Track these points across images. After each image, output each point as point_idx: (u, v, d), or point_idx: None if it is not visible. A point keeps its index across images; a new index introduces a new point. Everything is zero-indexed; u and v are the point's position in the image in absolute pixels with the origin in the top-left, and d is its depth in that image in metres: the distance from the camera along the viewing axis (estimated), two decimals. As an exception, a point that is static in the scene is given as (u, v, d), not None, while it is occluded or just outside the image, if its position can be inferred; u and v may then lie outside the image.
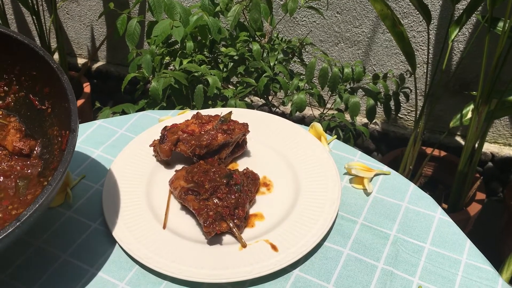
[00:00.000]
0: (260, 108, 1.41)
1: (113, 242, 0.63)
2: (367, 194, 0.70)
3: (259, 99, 1.67)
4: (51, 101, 0.63)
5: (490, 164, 1.67)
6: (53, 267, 0.60)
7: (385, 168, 0.74)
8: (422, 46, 1.56)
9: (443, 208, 0.69)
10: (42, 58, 0.59)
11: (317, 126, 0.78)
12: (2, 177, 0.63)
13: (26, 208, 0.49)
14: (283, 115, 1.81)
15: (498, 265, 0.95)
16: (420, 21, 1.52)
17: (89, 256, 0.62)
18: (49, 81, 0.60)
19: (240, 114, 0.79)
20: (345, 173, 0.73)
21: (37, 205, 0.50)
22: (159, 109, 1.18)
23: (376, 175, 0.73)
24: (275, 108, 1.48)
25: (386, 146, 1.77)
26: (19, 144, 0.63)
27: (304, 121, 1.84)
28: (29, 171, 0.64)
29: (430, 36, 1.52)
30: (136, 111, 1.21)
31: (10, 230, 0.48)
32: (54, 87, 0.59)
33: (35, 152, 0.65)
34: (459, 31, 1.23)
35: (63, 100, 0.57)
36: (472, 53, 1.48)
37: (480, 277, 0.60)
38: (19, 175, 0.63)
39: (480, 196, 1.44)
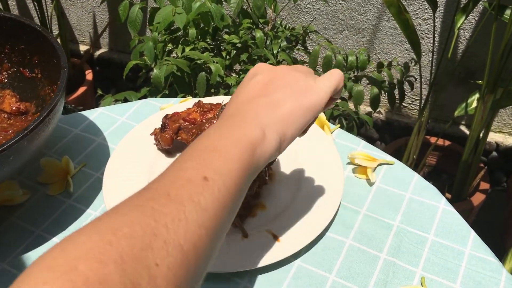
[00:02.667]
0: (263, 96, 1.40)
1: (114, 231, 0.63)
2: (370, 184, 0.70)
3: (262, 87, 1.66)
4: (41, 67, 0.68)
5: (494, 153, 1.66)
6: (53, 256, 0.60)
7: (389, 158, 0.73)
8: (428, 34, 1.54)
9: (447, 198, 0.68)
10: (28, 27, 0.62)
11: (320, 115, 0.77)
12: (2, 132, 0.66)
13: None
14: (286, 103, 1.80)
15: (502, 255, 0.95)
16: (426, 9, 1.50)
17: (90, 245, 0.61)
18: (36, 48, 0.65)
19: (242, 103, 0.78)
20: (348, 163, 0.73)
21: (27, 131, 0.51)
22: (161, 96, 1.18)
23: (379, 165, 0.72)
24: (278, 96, 1.46)
25: (389, 135, 1.76)
26: (16, 104, 0.67)
27: (308, 110, 1.83)
28: (25, 124, 0.66)
29: (436, 24, 1.50)
30: (138, 99, 1.20)
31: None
32: (42, 51, 0.63)
33: (31, 112, 0.70)
34: (465, 19, 1.21)
35: (52, 57, 0.61)
36: (478, 41, 1.46)
37: (484, 268, 0.59)
38: (17, 130, 0.66)
39: (484, 186, 1.43)
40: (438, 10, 1.47)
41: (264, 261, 0.58)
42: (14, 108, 0.67)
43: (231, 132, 0.42)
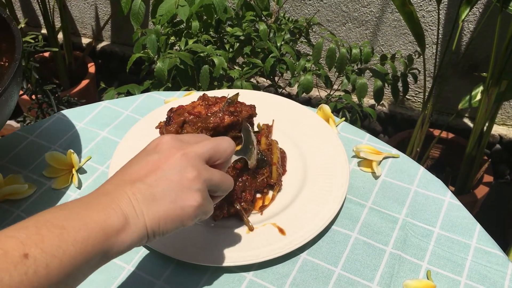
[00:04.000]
0: (266, 89, 1.40)
1: (120, 224, 0.63)
2: (376, 177, 0.69)
3: (265, 80, 1.66)
4: (7, 55, 0.66)
5: (498, 146, 1.65)
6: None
7: (394, 151, 0.73)
8: (432, 26, 1.53)
9: (450, 191, 0.68)
10: None
11: (325, 108, 0.77)
12: None
13: None
14: (289, 96, 1.80)
15: (505, 248, 0.95)
16: (430, 1, 1.49)
17: (96, 238, 0.62)
18: (5, 36, 0.63)
19: (247, 96, 0.78)
20: (354, 156, 0.72)
21: None
22: (164, 89, 1.17)
23: (385, 158, 0.72)
24: (281, 89, 1.46)
25: (393, 128, 1.76)
26: None
27: (311, 103, 1.82)
28: None
29: (440, 16, 1.49)
30: (141, 92, 1.20)
31: None
32: (9, 39, 0.61)
33: None
34: (469, 11, 1.20)
35: (14, 47, 0.59)
36: (482, 34, 1.45)
37: (489, 261, 0.59)
38: None
39: (488, 178, 1.43)
40: (442, 2, 1.46)
41: (269, 255, 0.58)
42: None
43: (89, 214, 0.41)
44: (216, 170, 0.49)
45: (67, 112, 0.80)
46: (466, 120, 1.66)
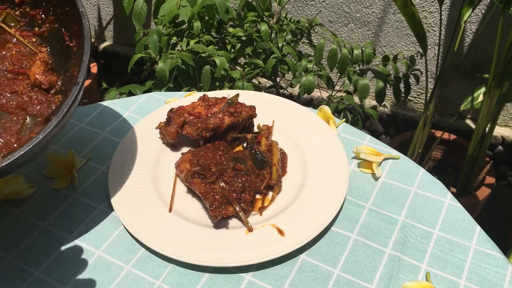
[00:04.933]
0: (267, 89, 1.40)
1: (119, 224, 0.63)
2: (376, 178, 0.69)
3: (266, 80, 1.65)
4: (78, 41, 0.63)
5: (500, 147, 1.65)
6: (59, 249, 0.60)
7: (394, 153, 0.73)
8: (434, 27, 1.53)
9: (452, 192, 0.68)
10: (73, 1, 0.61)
11: (326, 109, 0.77)
12: (17, 109, 0.63)
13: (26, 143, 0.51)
14: (290, 97, 1.80)
15: (506, 250, 0.94)
16: (432, 2, 1.49)
17: (95, 238, 0.62)
18: (77, 20, 0.61)
19: (247, 97, 0.78)
20: (354, 157, 0.72)
21: (38, 139, 0.51)
22: (165, 90, 1.17)
23: (385, 159, 0.72)
24: (282, 90, 1.46)
25: (394, 129, 1.75)
26: (41, 77, 0.63)
27: (312, 103, 1.82)
28: (41, 108, 0.63)
29: (442, 17, 1.48)
30: (143, 92, 1.20)
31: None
32: (80, 27, 0.60)
33: (54, 89, 0.65)
34: (472, 12, 1.20)
35: (83, 39, 0.58)
36: (484, 35, 1.44)
37: (489, 263, 0.59)
38: (30, 113, 0.63)
39: (490, 180, 1.43)
40: (444, 3, 1.45)
41: (268, 255, 0.58)
42: (38, 78, 0.63)
43: None
44: None
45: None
46: (468, 121, 1.66)
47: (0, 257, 0.60)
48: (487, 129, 1.26)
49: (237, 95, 0.72)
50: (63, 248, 0.61)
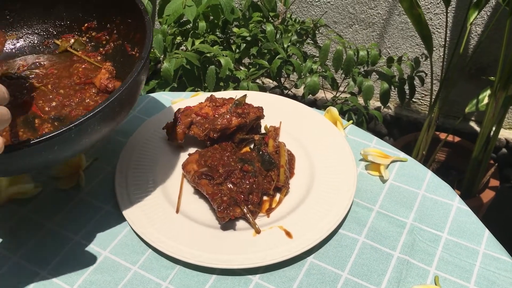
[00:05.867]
0: (272, 90, 1.39)
1: (126, 225, 0.63)
2: (383, 181, 0.69)
3: (270, 81, 1.65)
4: (139, 47, 0.67)
5: (504, 150, 1.65)
6: (65, 250, 0.60)
7: (402, 155, 0.73)
8: (439, 29, 1.53)
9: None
10: (136, 5, 0.64)
11: (333, 110, 0.76)
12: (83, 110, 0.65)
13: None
14: (294, 97, 1.79)
15: (511, 253, 0.94)
16: (438, 3, 1.48)
17: (102, 239, 0.61)
18: (139, 26, 0.65)
19: (254, 98, 0.78)
20: (361, 159, 0.72)
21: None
22: (170, 89, 1.17)
23: (392, 161, 0.71)
24: (287, 90, 1.46)
25: (398, 131, 1.75)
26: (106, 81, 0.67)
27: (316, 104, 1.82)
28: None
29: (448, 19, 1.48)
30: (147, 92, 1.19)
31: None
32: (142, 30, 0.64)
33: None
34: (478, 14, 1.20)
35: (145, 39, 0.61)
36: (490, 37, 1.44)
37: (498, 268, 0.59)
38: None
39: (494, 183, 1.42)
40: (450, 5, 1.45)
41: (276, 258, 0.57)
42: (103, 85, 0.66)
43: None
44: None
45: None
46: (473, 124, 1.66)
47: (6, 257, 0.59)
48: (492, 131, 1.26)
49: (245, 96, 0.72)
50: (69, 248, 0.60)
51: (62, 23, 0.74)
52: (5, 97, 0.45)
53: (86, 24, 0.73)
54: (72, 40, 0.73)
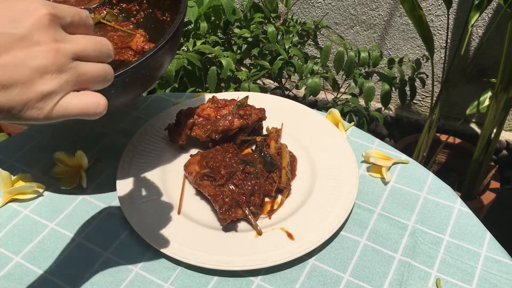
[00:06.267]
0: (273, 91, 1.39)
1: (127, 226, 0.63)
2: (385, 183, 0.69)
3: (271, 82, 1.65)
4: (170, 11, 0.73)
5: (504, 152, 1.65)
6: (67, 250, 0.60)
7: (404, 157, 0.73)
8: (440, 30, 1.53)
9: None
10: None
11: (335, 112, 0.76)
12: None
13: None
14: (295, 98, 1.79)
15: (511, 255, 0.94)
16: (439, 5, 1.48)
17: (103, 239, 0.61)
18: None
19: (255, 99, 0.78)
20: (363, 161, 0.72)
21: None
22: (171, 90, 1.17)
23: (394, 163, 0.71)
24: (288, 91, 1.46)
25: (399, 132, 1.75)
26: (142, 44, 0.71)
27: (317, 105, 1.82)
28: None
29: (449, 21, 1.48)
30: (148, 92, 1.19)
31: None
32: None
33: None
34: (479, 16, 1.20)
35: (178, 2, 0.65)
36: (491, 39, 1.44)
37: (500, 270, 0.59)
38: None
39: (494, 184, 1.42)
40: (451, 6, 1.45)
41: (278, 259, 0.57)
42: (139, 47, 0.71)
43: None
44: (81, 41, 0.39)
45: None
46: (473, 126, 1.66)
47: (8, 258, 0.59)
48: (493, 133, 1.26)
49: (247, 97, 0.72)
50: (71, 248, 0.60)
51: None
52: (110, 55, 0.41)
53: None
54: (104, 12, 0.77)
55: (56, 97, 0.36)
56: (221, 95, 0.78)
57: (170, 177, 0.68)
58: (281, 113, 0.77)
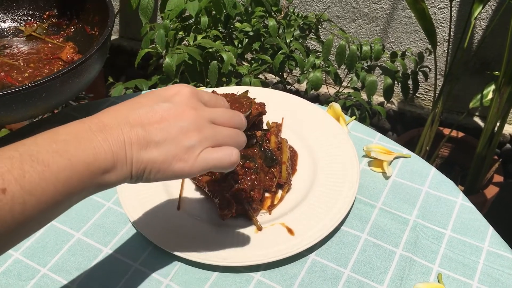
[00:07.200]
0: (274, 85, 1.38)
1: (127, 222, 0.63)
2: (386, 177, 0.68)
3: (273, 76, 1.64)
4: (99, 26, 0.80)
5: (508, 145, 1.64)
6: (66, 246, 0.60)
7: (405, 151, 0.72)
8: (443, 23, 1.52)
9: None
10: None
11: (336, 106, 0.76)
12: None
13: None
14: (297, 93, 1.79)
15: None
16: (442, -3, 1.47)
17: (103, 235, 0.61)
18: (99, 10, 0.79)
19: (256, 93, 0.77)
20: (364, 156, 0.71)
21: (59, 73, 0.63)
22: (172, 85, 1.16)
23: (395, 158, 0.71)
24: (289, 85, 1.45)
25: (402, 126, 1.74)
26: (72, 55, 0.78)
27: (319, 99, 1.81)
28: None
29: (452, 13, 1.47)
30: (149, 87, 1.19)
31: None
32: (101, 12, 0.77)
33: None
34: (482, 9, 1.18)
35: (106, 17, 0.73)
36: (494, 32, 1.43)
37: (502, 265, 0.58)
38: None
39: (498, 178, 1.42)
40: (454, -1, 1.44)
41: (278, 255, 0.57)
42: (69, 57, 0.77)
43: (77, 153, 0.40)
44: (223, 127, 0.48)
45: (74, 107, 0.80)
46: (477, 119, 1.65)
47: (7, 254, 0.59)
48: (496, 127, 1.25)
49: (247, 91, 0.71)
50: (70, 245, 0.60)
51: (25, 12, 0.87)
52: (243, 123, 0.50)
53: (47, 13, 0.86)
54: (35, 26, 0.85)
55: (197, 150, 0.44)
56: (222, 90, 0.77)
57: (170, 172, 0.68)
58: (281, 108, 0.76)
